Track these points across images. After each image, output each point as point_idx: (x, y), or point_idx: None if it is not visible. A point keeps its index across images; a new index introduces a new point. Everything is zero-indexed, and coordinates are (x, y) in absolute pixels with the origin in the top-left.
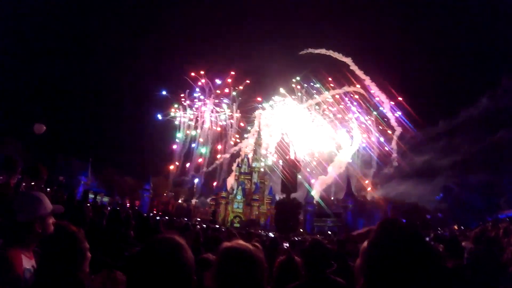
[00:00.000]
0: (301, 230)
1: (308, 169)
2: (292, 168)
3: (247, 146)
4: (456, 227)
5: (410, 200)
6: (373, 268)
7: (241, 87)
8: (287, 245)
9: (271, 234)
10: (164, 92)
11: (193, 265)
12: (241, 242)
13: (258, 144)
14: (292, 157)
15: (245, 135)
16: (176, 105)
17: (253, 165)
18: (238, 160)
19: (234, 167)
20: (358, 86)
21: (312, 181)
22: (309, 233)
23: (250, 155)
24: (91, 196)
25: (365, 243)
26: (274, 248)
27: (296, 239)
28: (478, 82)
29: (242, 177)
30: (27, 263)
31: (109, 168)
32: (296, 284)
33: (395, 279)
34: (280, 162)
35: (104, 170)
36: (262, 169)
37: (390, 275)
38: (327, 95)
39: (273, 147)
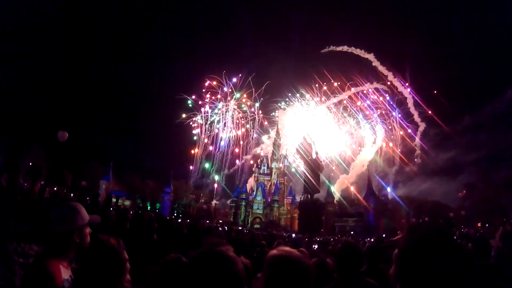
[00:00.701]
0: (322, 230)
1: (330, 169)
2: (314, 168)
3: (267, 146)
4: (479, 224)
5: (432, 198)
6: (406, 274)
7: (266, 83)
8: (316, 246)
9: (293, 235)
10: (180, 94)
11: (244, 277)
12: (288, 249)
13: (277, 144)
14: (314, 157)
15: (263, 136)
16: (191, 105)
17: (272, 165)
18: (258, 161)
19: (254, 168)
20: (388, 82)
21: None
22: (330, 233)
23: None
24: (113, 199)
25: (396, 250)
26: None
27: (318, 239)
28: (504, 75)
29: (262, 178)
30: (65, 273)
31: (130, 171)
32: (329, 286)
33: (430, 282)
34: (302, 162)
35: (125, 174)
36: (281, 170)
37: (425, 280)
38: (349, 93)
39: (294, 147)
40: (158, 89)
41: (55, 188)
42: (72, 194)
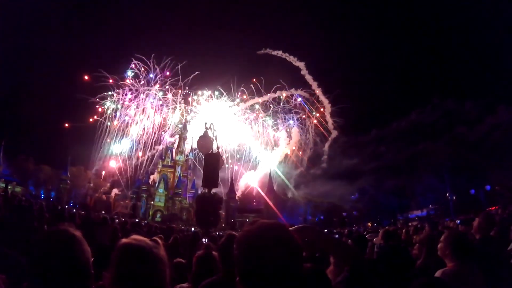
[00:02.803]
0: (223, 225)
1: (229, 165)
2: (213, 162)
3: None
4: (370, 224)
5: (328, 200)
6: (242, 273)
7: (195, 74)
8: (206, 240)
9: (193, 229)
10: (99, 71)
11: (89, 258)
12: (138, 237)
13: (182, 137)
14: (215, 151)
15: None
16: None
17: (177, 158)
18: (162, 152)
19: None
20: (307, 90)
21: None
22: (231, 228)
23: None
24: (1, 185)
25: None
26: (195, 243)
27: (217, 234)
28: (413, 98)
29: (165, 170)
30: None
31: (23, 154)
32: (212, 279)
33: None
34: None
35: (18, 156)
36: (185, 163)
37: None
38: (273, 95)
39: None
40: (62, 62)
41: None
42: None
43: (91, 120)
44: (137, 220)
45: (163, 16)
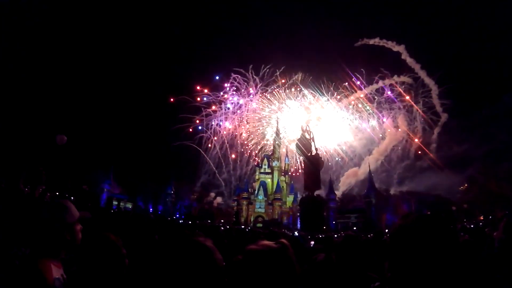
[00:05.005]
0: (325, 227)
1: (329, 165)
2: (314, 164)
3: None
4: (482, 217)
5: (435, 192)
6: (396, 260)
7: (294, 78)
8: (313, 242)
9: (296, 233)
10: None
11: (223, 266)
12: (265, 242)
13: (277, 143)
14: (314, 153)
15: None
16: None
17: (273, 164)
18: (258, 160)
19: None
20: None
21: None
22: (333, 230)
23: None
24: (114, 203)
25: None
26: (300, 247)
27: (321, 236)
28: None
29: (263, 177)
30: (57, 272)
31: (132, 174)
32: (332, 281)
33: (420, 270)
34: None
35: (127, 176)
36: (282, 168)
37: (414, 267)
38: (375, 86)
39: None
40: (160, 90)
41: (57, 193)
42: (73, 198)
43: (194, 137)
44: (242, 227)
45: (256, 27)
